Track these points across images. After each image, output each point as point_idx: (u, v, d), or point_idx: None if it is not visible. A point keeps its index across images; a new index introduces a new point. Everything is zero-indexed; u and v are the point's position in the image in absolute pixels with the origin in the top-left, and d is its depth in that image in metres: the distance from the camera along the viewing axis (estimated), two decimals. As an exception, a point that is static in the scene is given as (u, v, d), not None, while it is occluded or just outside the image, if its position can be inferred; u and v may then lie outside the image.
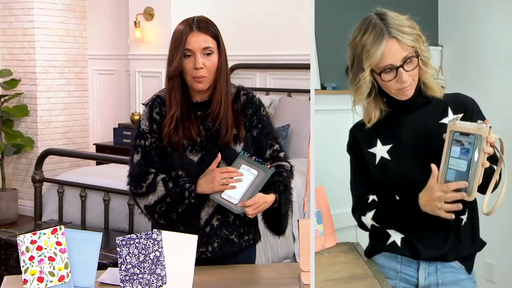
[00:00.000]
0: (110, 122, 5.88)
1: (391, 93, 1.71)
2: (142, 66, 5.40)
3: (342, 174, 1.90)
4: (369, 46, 1.63)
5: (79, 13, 5.97)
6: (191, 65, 1.92)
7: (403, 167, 1.71)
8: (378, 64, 1.64)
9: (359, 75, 1.69)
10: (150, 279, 1.63)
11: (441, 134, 1.61)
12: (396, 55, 1.63)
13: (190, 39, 1.92)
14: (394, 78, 1.65)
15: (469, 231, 1.76)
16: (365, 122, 1.77)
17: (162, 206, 1.93)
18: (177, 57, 1.92)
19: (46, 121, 5.72)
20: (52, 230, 1.67)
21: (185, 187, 1.92)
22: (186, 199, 1.91)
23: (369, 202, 1.81)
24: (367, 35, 1.64)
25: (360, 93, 1.71)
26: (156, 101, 2.02)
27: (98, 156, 4.87)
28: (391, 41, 1.62)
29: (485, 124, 1.51)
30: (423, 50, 1.67)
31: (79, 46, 5.99)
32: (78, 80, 6.00)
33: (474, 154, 1.52)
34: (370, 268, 1.81)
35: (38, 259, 1.64)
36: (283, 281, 1.91)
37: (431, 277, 1.75)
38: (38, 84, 5.63)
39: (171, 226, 1.92)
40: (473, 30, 2.95)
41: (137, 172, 1.98)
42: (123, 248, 1.64)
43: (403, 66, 1.64)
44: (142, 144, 1.99)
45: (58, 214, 3.92)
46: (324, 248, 1.91)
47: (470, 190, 1.54)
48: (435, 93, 1.72)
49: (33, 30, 5.59)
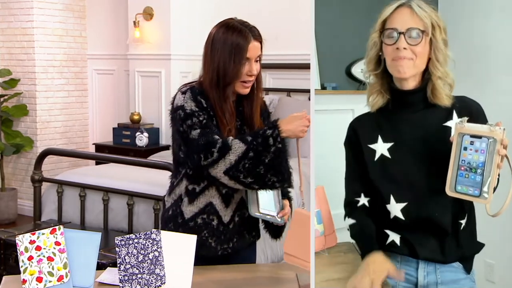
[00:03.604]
0: (109, 121, 5.88)
1: (389, 66, 1.71)
2: (141, 66, 5.40)
3: (342, 174, 1.89)
4: (386, 7, 1.71)
5: (78, 12, 5.97)
6: (246, 71, 1.97)
7: (403, 167, 1.70)
8: (386, 25, 1.70)
9: (371, 35, 1.74)
10: (149, 279, 1.63)
11: (445, 136, 1.60)
12: (403, 22, 1.67)
13: (250, 48, 1.97)
14: (394, 44, 1.67)
15: (468, 235, 1.75)
16: (369, 105, 1.78)
17: (246, 163, 1.83)
18: (234, 65, 1.95)
19: (46, 121, 5.72)
20: (51, 230, 1.67)
21: (267, 134, 1.86)
22: (272, 146, 1.84)
23: (359, 206, 1.78)
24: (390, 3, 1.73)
25: (369, 56, 1.75)
26: (194, 88, 2.01)
27: (98, 156, 4.87)
28: (405, 8, 1.68)
29: (499, 127, 1.49)
30: (438, 41, 1.69)
31: (78, 46, 5.98)
32: (77, 79, 5.99)
33: (488, 157, 1.48)
34: None
35: (37, 259, 1.64)
36: (282, 280, 1.91)
37: (430, 276, 1.75)
38: (38, 84, 5.63)
39: (261, 182, 1.86)
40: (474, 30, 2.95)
41: (203, 142, 1.87)
42: (122, 248, 1.63)
43: (404, 34, 1.66)
44: (196, 121, 1.91)
45: (58, 214, 3.92)
46: (324, 248, 1.91)
47: (485, 193, 1.50)
48: (440, 102, 1.70)
49: (33, 30, 5.59)
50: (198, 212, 1.99)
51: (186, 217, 2.00)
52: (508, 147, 1.56)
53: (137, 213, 3.65)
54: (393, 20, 1.69)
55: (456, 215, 1.71)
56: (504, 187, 1.58)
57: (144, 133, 5.13)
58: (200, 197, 1.99)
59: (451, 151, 1.54)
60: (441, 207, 1.64)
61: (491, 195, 1.50)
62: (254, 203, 1.98)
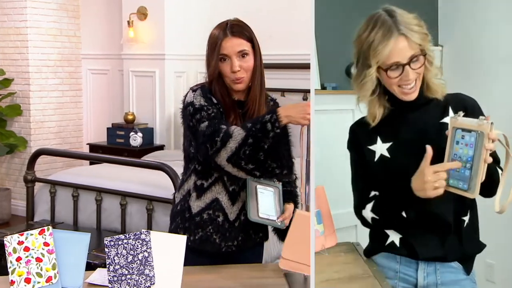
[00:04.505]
0: (103, 121, 5.86)
1: (395, 93, 1.70)
2: (135, 65, 5.39)
3: (342, 174, 1.90)
4: (377, 42, 1.63)
5: (72, 12, 5.95)
6: (228, 68, 1.98)
7: (402, 165, 1.70)
8: (385, 61, 1.64)
9: (365, 71, 1.68)
10: (138, 280, 1.62)
11: (442, 133, 1.60)
12: (403, 53, 1.63)
13: (224, 44, 1.97)
14: (400, 76, 1.65)
15: (470, 232, 1.76)
16: (369, 121, 1.76)
17: (246, 150, 1.82)
18: (213, 62, 1.98)
19: (40, 121, 5.70)
20: (40, 231, 1.66)
21: (265, 119, 1.83)
22: (271, 131, 1.82)
23: (370, 197, 1.80)
24: (375, 31, 1.64)
25: (365, 90, 1.71)
26: (204, 86, 2.03)
27: (90, 156, 4.86)
28: (400, 38, 1.62)
29: (486, 120, 1.49)
30: (429, 49, 1.68)
31: (72, 46, 5.97)
32: (71, 79, 5.97)
33: (476, 151, 1.50)
34: (370, 268, 1.82)
35: (25, 260, 1.63)
36: (270, 280, 1.91)
37: (430, 277, 1.75)
38: (31, 84, 5.60)
39: (262, 169, 1.85)
40: (473, 30, 2.95)
41: (209, 132, 1.88)
42: (111, 249, 1.62)
43: (409, 64, 1.63)
44: (205, 115, 1.92)
45: (50, 214, 3.91)
46: (324, 248, 1.92)
47: (472, 187, 1.51)
48: (436, 94, 1.71)
49: (26, 30, 5.57)
50: (204, 207, 2.01)
51: (193, 212, 2.01)
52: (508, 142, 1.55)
53: (130, 213, 3.64)
54: (392, 54, 1.63)
55: (458, 212, 1.72)
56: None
57: (138, 133, 5.12)
58: (207, 193, 2.01)
59: (446, 145, 1.56)
60: (443, 203, 1.63)
61: (477, 190, 1.51)
62: (254, 208, 1.98)
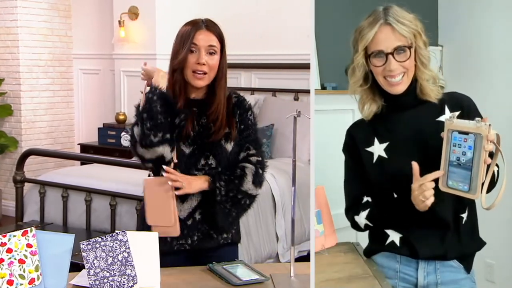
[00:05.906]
0: (95, 121, 5.84)
1: (381, 84, 1.72)
2: (127, 65, 5.37)
3: (342, 174, 1.91)
4: (364, 28, 1.70)
5: (63, 12, 5.92)
6: (194, 60, 2.01)
7: (400, 164, 1.71)
8: (371, 47, 1.69)
9: (353, 57, 1.74)
10: (121, 281, 1.61)
11: (438, 131, 1.61)
12: (388, 42, 1.67)
13: (198, 36, 2.02)
14: (383, 65, 1.68)
15: (469, 230, 1.77)
16: (363, 116, 1.80)
17: (143, 112, 2.07)
18: (183, 51, 2.02)
19: (31, 121, 5.68)
20: (23, 232, 1.65)
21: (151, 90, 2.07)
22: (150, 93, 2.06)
23: (363, 203, 1.82)
24: (366, 20, 1.71)
25: (355, 77, 1.76)
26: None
27: (80, 156, 4.85)
28: (386, 27, 1.67)
29: (484, 122, 1.51)
30: (421, 48, 1.70)
31: (63, 45, 5.94)
32: (62, 79, 5.95)
33: (475, 153, 1.51)
34: (370, 268, 1.82)
35: (8, 262, 1.62)
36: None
37: (430, 277, 1.75)
38: (22, 84, 5.58)
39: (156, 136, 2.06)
40: (473, 30, 2.96)
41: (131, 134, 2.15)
42: (90, 253, 1.60)
43: (393, 54, 1.66)
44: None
45: (40, 214, 3.90)
46: (324, 248, 1.93)
47: (474, 188, 1.53)
48: (429, 97, 1.73)
49: (17, 29, 5.54)
50: None
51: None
52: (506, 146, 1.58)
53: (120, 213, 3.63)
54: (377, 41, 1.68)
55: (457, 209, 1.73)
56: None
57: (129, 133, 5.10)
58: None
59: (442, 148, 1.58)
60: (441, 201, 1.64)
61: (479, 190, 1.53)
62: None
